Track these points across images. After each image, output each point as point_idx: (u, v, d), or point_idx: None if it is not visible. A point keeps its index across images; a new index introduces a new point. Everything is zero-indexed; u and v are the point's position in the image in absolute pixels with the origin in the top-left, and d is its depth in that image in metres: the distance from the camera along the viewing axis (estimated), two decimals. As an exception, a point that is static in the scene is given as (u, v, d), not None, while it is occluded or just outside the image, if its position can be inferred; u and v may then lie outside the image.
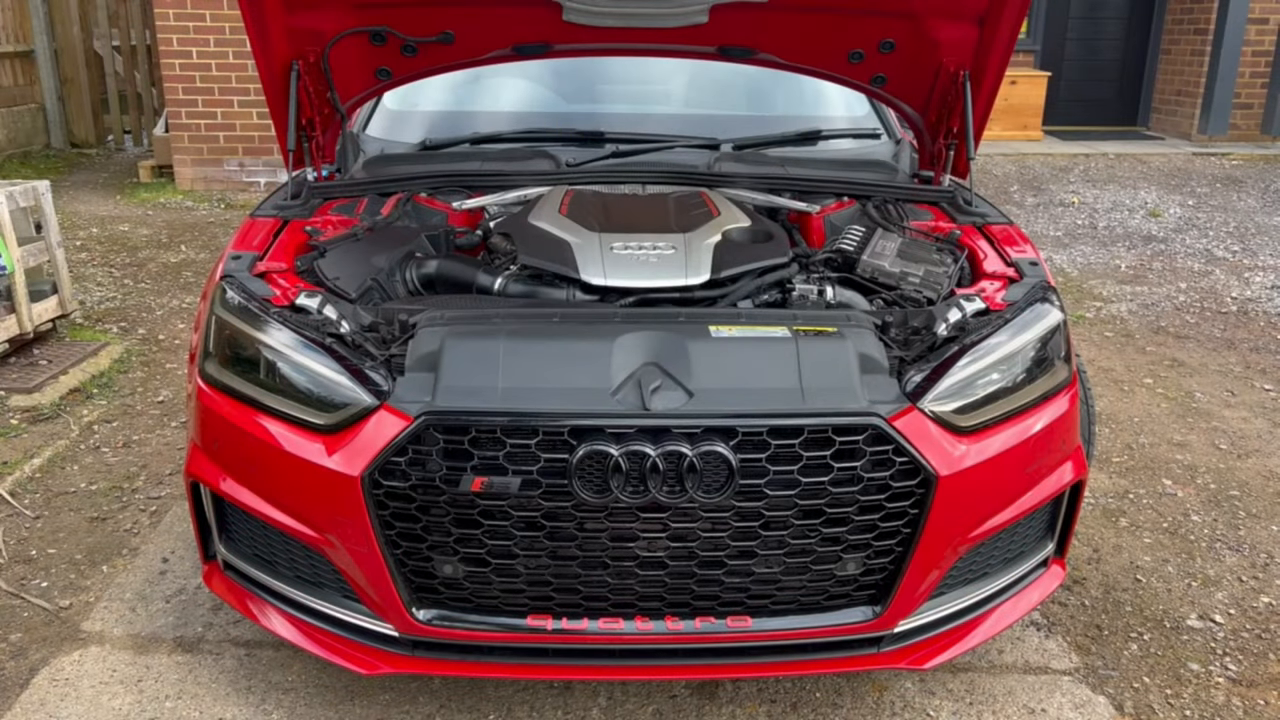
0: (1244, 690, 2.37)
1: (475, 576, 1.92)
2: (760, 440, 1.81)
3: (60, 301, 4.33)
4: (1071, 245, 6.34)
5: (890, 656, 2.03)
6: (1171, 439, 3.69)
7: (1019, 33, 2.50)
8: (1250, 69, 9.46)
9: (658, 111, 3.27)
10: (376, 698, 2.28)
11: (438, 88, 3.25)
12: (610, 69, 3.36)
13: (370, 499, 1.83)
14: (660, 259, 2.23)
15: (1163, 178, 8.07)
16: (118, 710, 2.24)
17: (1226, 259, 6.06)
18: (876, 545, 1.92)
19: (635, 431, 1.79)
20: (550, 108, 3.22)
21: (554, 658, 1.98)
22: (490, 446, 1.81)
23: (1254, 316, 5.08)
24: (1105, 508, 3.19)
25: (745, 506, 1.85)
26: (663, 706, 2.27)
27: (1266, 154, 8.95)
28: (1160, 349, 4.62)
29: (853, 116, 3.25)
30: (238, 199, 7.46)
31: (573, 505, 1.83)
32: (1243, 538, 3.02)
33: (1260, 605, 2.69)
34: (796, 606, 1.97)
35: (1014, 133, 9.42)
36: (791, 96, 3.32)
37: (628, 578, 1.91)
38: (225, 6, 7.50)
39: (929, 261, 2.31)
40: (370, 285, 2.25)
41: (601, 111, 3.18)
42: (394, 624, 1.95)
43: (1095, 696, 2.33)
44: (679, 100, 3.28)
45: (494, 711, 2.25)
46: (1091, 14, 10.19)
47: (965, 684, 2.36)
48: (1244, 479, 3.39)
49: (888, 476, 1.86)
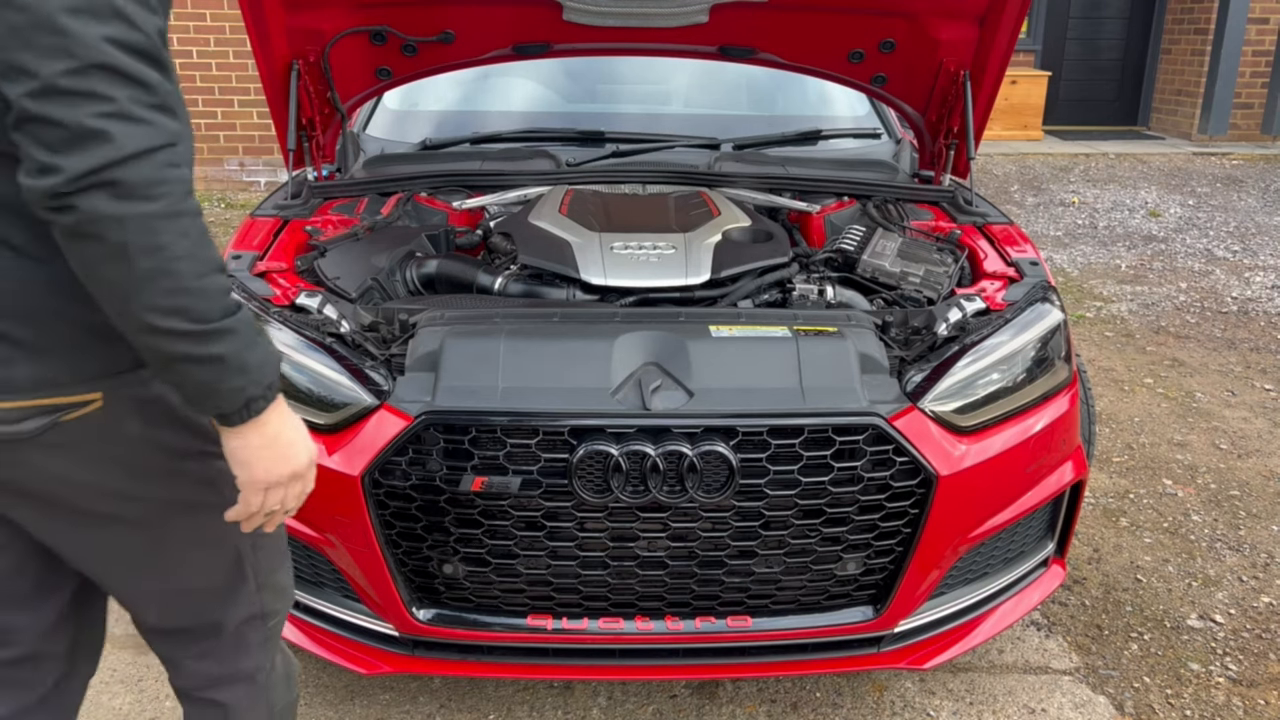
0: (1244, 690, 2.37)
1: (475, 576, 1.92)
2: (760, 440, 1.81)
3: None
4: (1072, 245, 6.34)
5: (890, 656, 2.03)
6: (1172, 439, 3.69)
7: (1019, 33, 2.50)
8: (1250, 69, 9.46)
9: (658, 111, 3.27)
10: (376, 698, 2.28)
11: (438, 87, 3.25)
12: (610, 69, 3.35)
13: (370, 499, 1.83)
14: (661, 259, 2.23)
15: (1163, 177, 8.07)
16: (118, 710, 2.24)
17: (1227, 259, 6.06)
18: (877, 545, 1.92)
19: (635, 431, 1.79)
20: (550, 107, 3.22)
21: (554, 658, 1.98)
22: (490, 446, 1.81)
23: (1254, 316, 5.08)
24: (1105, 507, 3.19)
25: (745, 506, 1.85)
26: (663, 706, 2.27)
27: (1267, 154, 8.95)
28: (1160, 349, 4.62)
29: (853, 116, 3.25)
30: (238, 199, 7.46)
31: (573, 505, 1.83)
32: (1243, 538, 3.02)
33: (1260, 605, 2.69)
34: (797, 606, 1.97)
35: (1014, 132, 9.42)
36: (792, 96, 3.32)
37: (628, 577, 1.91)
38: (225, 6, 7.50)
39: (929, 261, 2.31)
40: (370, 285, 2.25)
41: (601, 111, 3.17)
42: (394, 624, 1.95)
43: (1095, 696, 2.33)
44: (679, 100, 3.28)
45: (494, 711, 2.25)
46: (1091, 14, 10.19)
47: (965, 684, 2.36)
48: (1244, 479, 3.39)
49: (888, 476, 1.86)
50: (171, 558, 1.30)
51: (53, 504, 1.21)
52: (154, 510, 1.25)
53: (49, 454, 1.15)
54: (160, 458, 1.22)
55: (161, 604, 1.35)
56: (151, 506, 1.24)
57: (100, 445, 1.16)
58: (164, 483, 1.23)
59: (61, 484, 1.18)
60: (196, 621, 1.37)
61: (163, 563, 1.30)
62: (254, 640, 1.42)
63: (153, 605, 1.36)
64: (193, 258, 1.04)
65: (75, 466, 1.16)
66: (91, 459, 1.16)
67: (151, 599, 1.35)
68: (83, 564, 1.30)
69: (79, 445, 1.15)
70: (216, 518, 1.26)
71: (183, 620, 1.37)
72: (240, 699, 1.43)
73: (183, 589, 1.34)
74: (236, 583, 1.37)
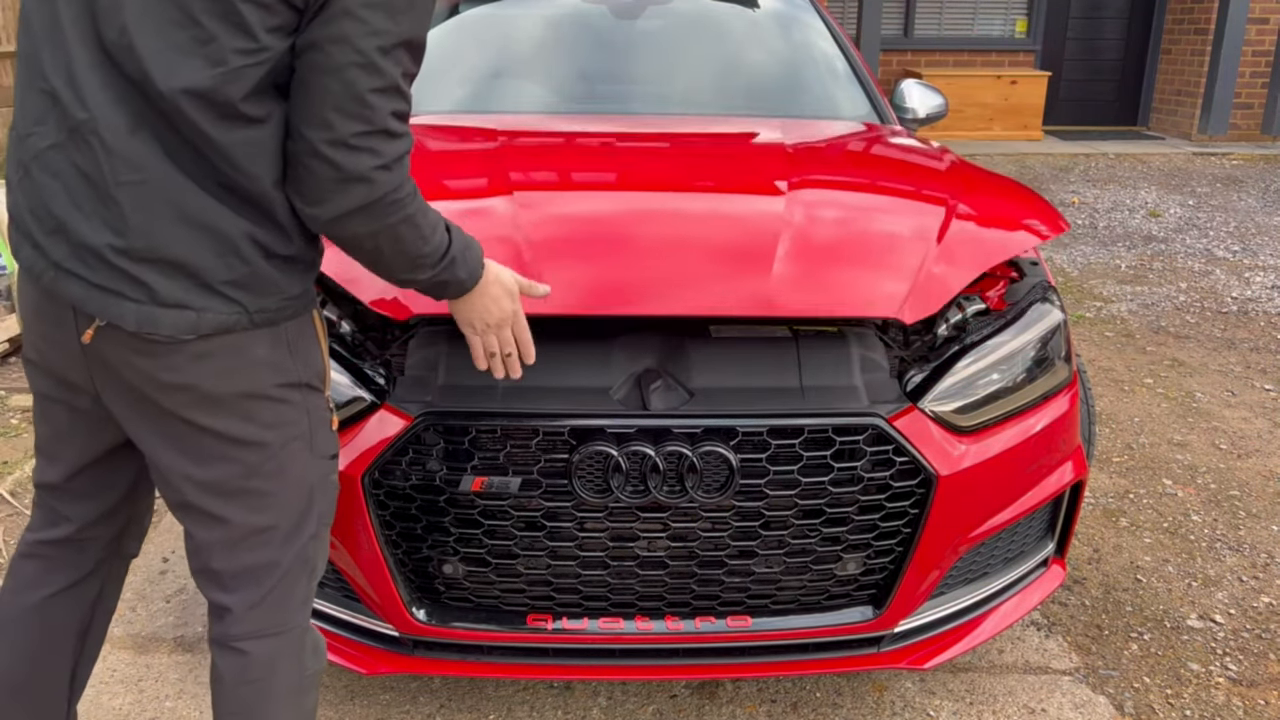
0: (1244, 690, 2.37)
1: (475, 576, 1.92)
2: (760, 440, 1.81)
3: (60, 301, 4.32)
4: (1072, 245, 6.34)
5: (890, 656, 2.03)
6: (1172, 439, 3.69)
7: None
8: (1250, 69, 9.46)
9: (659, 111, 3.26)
10: (376, 698, 2.28)
11: (439, 89, 3.25)
12: (610, 69, 3.36)
13: (370, 499, 1.83)
14: None
15: (1163, 178, 8.07)
16: (118, 710, 2.24)
17: (1227, 259, 6.06)
18: (877, 545, 1.92)
19: (635, 431, 1.79)
20: (550, 109, 3.22)
21: (554, 657, 1.98)
22: (490, 446, 1.81)
23: (1254, 316, 5.08)
24: (1105, 507, 3.19)
25: (745, 506, 1.85)
26: (663, 706, 2.27)
27: (1266, 154, 8.95)
28: (1160, 349, 4.62)
29: (854, 116, 3.25)
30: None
31: (573, 505, 1.83)
32: (1243, 538, 3.02)
33: (1260, 605, 2.69)
34: (797, 606, 1.97)
35: (1014, 133, 9.43)
36: (791, 95, 3.32)
37: (628, 577, 1.91)
38: (225, 6, 7.49)
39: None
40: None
41: (601, 111, 3.17)
42: (394, 624, 1.95)
43: (1095, 696, 2.33)
44: (677, 102, 3.28)
45: (494, 711, 2.25)
46: (1091, 14, 10.20)
47: (965, 684, 2.36)
48: (1244, 479, 3.39)
49: (888, 476, 1.86)
50: (263, 485, 1.43)
51: (175, 415, 1.36)
52: (261, 431, 1.40)
53: (191, 362, 1.33)
54: (276, 381, 1.40)
55: (236, 539, 1.45)
56: (259, 427, 1.40)
57: (232, 361, 1.35)
58: (273, 406, 1.41)
59: (192, 392, 1.34)
60: (260, 561, 1.47)
61: (255, 489, 1.43)
62: (299, 593, 1.53)
63: (227, 540, 1.45)
64: (422, 237, 1.40)
65: (207, 377, 1.34)
66: (221, 373, 1.35)
67: (230, 531, 1.44)
68: (179, 484, 1.41)
69: (215, 356, 1.33)
70: (304, 452, 1.46)
71: (248, 559, 1.46)
72: (280, 652, 1.51)
73: (261, 525, 1.45)
74: (302, 524, 1.50)
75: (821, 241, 2.05)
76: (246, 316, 1.33)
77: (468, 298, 1.57)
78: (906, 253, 2.02)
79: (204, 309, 1.30)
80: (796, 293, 1.88)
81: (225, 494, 1.42)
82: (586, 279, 1.90)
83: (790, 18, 3.63)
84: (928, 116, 3.36)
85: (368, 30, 1.24)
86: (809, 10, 3.66)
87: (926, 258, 2.00)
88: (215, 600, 1.50)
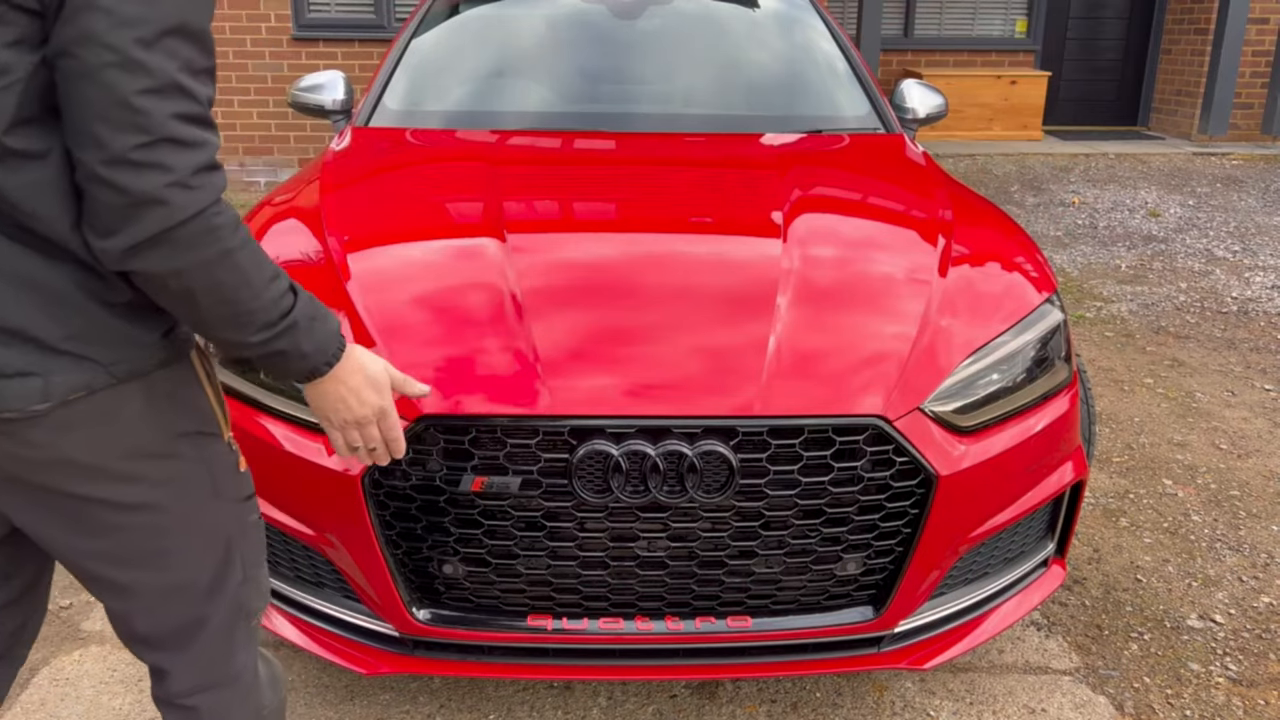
0: (1244, 690, 2.37)
1: (475, 576, 1.92)
2: (760, 440, 1.81)
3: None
4: (1072, 245, 6.34)
5: (890, 656, 2.03)
6: (1172, 439, 3.69)
7: None
8: (1250, 69, 9.46)
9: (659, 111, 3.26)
10: (377, 698, 2.28)
11: (439, 88, 3.25)
12: (609, 69, 3.36)
13: (370, 499, 1.83)
14: None
15: (1163, 178, 8.07)
16: (118, 710, 2.24)
17: (1227, 259, 6.06)
18: (877, 545, 1.92)
19: (635, 431, 1.79)
20: (549, 108, 3.22)
21: (554, 658, 1.98)
22: (490, 446, 1.81)
23: (1254, 316, 5.08)
24: (1105, 508, 3.19)
25: (745, 506, 1.85)
26: (663, 706, 2.27)
27: (1267, 154, 8.95)
28: (1160, 349, 4.62)
29: (854, 115, 3.25)
30: (238, 199, 7.46)
31: (573, 505, 1.83)
32: (1243, 538, 3.02)
33: (1260, 605, 2.69)
34: (796, 606, 1.97)
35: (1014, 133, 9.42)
36: (791, 95, 3.32)
37: (628, 578, 1.91)
38: (226, 7, 7.51)
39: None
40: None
41: (600, 111, 3.17)
42: (394, 624, 1.95)
43: (1095, 696, 2.33)
44: (679, 100, 3.28)
45: (494, 711, 2.25)
46: (1091, 14, 10.19)
47: (965, 684, 2.36)
48: (1244, 479, 3.39)
49: (888, 476, 1.86)
50: (167, 544, 1.29)
51: (51, 490, 1.22)
52: (150, 492, 1.26)
53: (55, 434, 1.17)
54: (158, 437, 1.25)
55: (152, 602, 1.34)
56: (147, 488, 1.26)
57: (102, 425, 1.20)
58: (160, 463, 1.26)
59: (64, 466, 1.20)
60: (185, 619, 1.36)
61: (158, 550, 1.30)
62: (239, 639, 1.42)
63: (144, 605, 1.34)
64: (248, 284, 1.16)
65: (77, 447, 1.19)
66: (92, 439, 1.20)
67: (143, 597, 1.34)
68: (75, 559, 1.29)
69: (82, 424, 1.18)
70: (209, 503, 1.31)
71: (172, 620, 1.36)
72: (231, 702, 1.42)
73: (176, 584, 1.33)
74: (225, 574, 1.37)
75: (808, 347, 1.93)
76: (105, 373, 1.16)
77: (320, 385, 1.34)
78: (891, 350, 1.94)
79: (51, 373, 1.13)
80: (783, 398, 1.82)
81: (126, 562, 1.29)
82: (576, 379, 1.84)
83: (790, 18, 3.63)
84: (928, 116, 3.36)
85: (116, 21, 1.03)
86: (809, 10, 3.66)
87: (912, 354, 1.93)
88: (149, 662, 1.40)
